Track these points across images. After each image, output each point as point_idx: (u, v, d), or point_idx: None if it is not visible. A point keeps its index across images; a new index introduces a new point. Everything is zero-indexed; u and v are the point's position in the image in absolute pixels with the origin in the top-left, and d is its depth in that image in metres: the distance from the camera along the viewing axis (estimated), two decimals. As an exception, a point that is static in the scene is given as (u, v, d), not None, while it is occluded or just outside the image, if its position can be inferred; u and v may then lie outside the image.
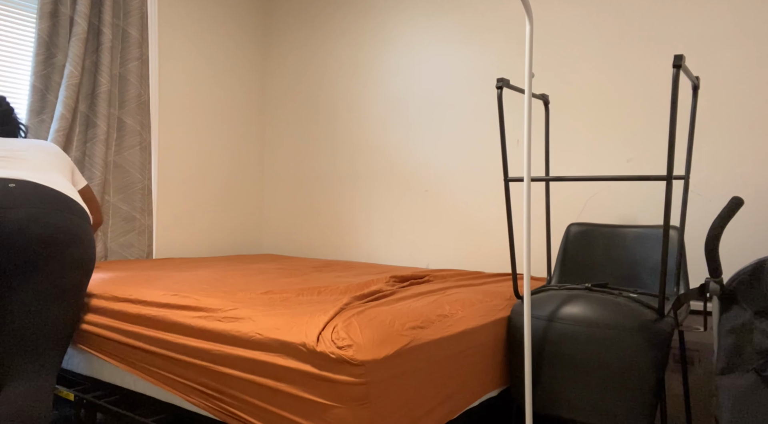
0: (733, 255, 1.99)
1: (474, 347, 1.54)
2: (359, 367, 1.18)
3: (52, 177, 1.60)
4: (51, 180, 1.57)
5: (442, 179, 2.76)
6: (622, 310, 1.50)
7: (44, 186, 1.52)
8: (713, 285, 1.30)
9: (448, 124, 2.74)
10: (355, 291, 1.74)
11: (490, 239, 2.60)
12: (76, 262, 1.50)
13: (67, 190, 1.59)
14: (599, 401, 1.48)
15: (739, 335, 1.25)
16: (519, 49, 2.53)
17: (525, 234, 1.42)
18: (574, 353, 1.51)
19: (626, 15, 2.24)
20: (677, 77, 1.34)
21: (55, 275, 1.46)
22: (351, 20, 3.12)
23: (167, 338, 1.50)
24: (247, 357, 1.33)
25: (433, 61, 2.79)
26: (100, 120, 2.55)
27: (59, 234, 1.46)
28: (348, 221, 3.11)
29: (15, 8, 2.46)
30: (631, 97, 2.23)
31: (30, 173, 1.55)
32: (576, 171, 2.37)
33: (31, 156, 1.65)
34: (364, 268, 2.54)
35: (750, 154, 2.00)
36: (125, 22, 2.67)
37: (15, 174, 1.51)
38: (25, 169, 1.57)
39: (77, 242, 1.49)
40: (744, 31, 2.00)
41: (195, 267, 2.43)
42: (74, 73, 2.42)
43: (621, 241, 2.00)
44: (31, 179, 1.51)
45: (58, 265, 1.47)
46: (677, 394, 2.01)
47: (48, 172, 1.62)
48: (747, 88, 2.00)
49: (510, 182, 2.13)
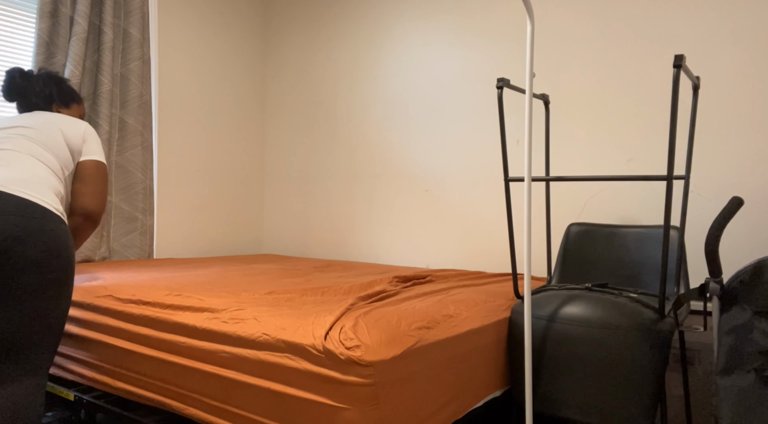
0: (733, 255, 2.00)
1: (478, 348, 1.54)
2: (368, 367, 1.18)
3: (18, 173, 1.48)
4: (10, 177, 1.45)
5: (443, 179, 2.76)
6: (622, 310, 1.50)
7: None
8: (713, 285, 1.31)
9: (449, 124, 2.74)
10: (358, 291, 1.75)
11: (491, 239, 2.60)
12: (26, 263, 1.35)
13: (28, 187, 1.44)
14: (599, 401, 1.48)
15: (739, 335, 1.25)
16: (519, 49, 2.54)
17: (525, 234, 1.42)
18: (574, 353, 1.52)
19: (626, 15, 2.25)
20: (677, 77, 1.35)
21: (5, 277, 1.34)
22: (351, 21, 3.12)
23: (171, 339, 1.51)
24: (254, 359, 1.32)
25: (434, 61, 2.79)
26: (102, 120, 2.55)
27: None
28: (348, 221, 3.12)
29: (15, 8, 2.46)
30: (631, 97, 2.24)
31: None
32: (576, 171, 2.37)
33: (13, 144, 1.54)
34: (365, 268, 2.54)
35: (750, 154, 2.00)
36: (126, 22, 2.67)
37: None
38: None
39: (21, 243, 1.35)
40: (744, 31, 2.01)
41: (196, 267, 2.43)
42: (75, 72, 2.42)
43: (621, 241, 2.00)
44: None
45: (5, 268, 1.35)
46: (677, 394, 2.02)
47: (18, 165, 1.49)
48: (747, 88, 2.01)
49: (510, 182, 2.13)
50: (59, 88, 1.85)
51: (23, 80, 1.78)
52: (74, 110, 1.90)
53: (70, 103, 1.88)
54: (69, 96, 1.88)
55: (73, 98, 1.89)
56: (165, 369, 1.50)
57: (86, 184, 1.70)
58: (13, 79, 1.78)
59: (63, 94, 1.86)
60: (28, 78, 1.79)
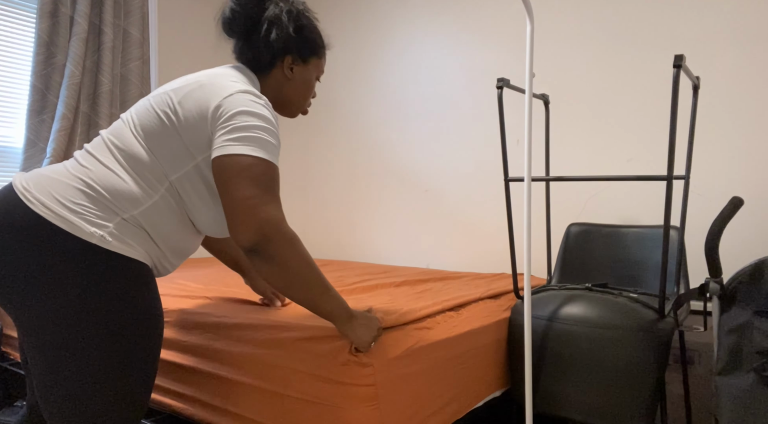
0: (733, 255, 2.00)
1: (478, 348, 1.54)
2: (368, 367, 1.18)
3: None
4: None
5: (442, 179, 2.76)
6: (622, 310, 1.50)
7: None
8: (713, 285, 1.31)
9: (449, 124, 2.74)
10: (360, 293, 1.75)
11: (490, 239, 2.60)
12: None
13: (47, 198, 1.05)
14: (599, 401, 1.48)
15: (739, 335, 1.25)
16: (519, 48, 2.53)
17: (525, 234, 1.42)
18: (574, 353, 1.51)
19: (626, 15, 2.25)
20: (677, 77, 1.35)
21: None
22: (351, 21, 3.12)
23: (169, 336, 1.50)
24: (254, 358, 1.32)
25: (434, 61, 2.79)
26: (102, 120, 2.55)
27: None
28: (347, 220, 3.11)
29: (15, 8, 2.46)
30: (631, 97, 2.24)
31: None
32: (576, 171, 2.37)
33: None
34: (365, 268, 2.54)
35: (750, 154, 2.00)
36: (126, 22, 2.67)
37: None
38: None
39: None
40: (744, 31, 2.01)
41: (196, 267, 2.43)
42: (75, 72, 2.42)
43: (621, 241, 2.00)
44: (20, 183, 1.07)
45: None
46: (677, 394, 2.02)
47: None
48: (747, 88, 2.00)
49: (510, 182, 2.13)
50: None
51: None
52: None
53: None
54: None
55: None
56: (162, 368, 1.50)
57: (226, 186, 1.19)
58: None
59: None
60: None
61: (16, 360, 1.98)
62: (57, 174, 1.09)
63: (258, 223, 1.02)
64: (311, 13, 1.30)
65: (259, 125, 1.06)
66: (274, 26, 1.22)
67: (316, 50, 1.28)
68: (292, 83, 1.27)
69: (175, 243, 1.15)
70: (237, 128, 1.05)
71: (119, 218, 1.06)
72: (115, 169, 1.09)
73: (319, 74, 1.32)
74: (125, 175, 1.09)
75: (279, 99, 1.28)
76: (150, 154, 1.10)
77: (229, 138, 1.04)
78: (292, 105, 1.30)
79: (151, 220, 1.10)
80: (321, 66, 1.31)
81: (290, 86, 1.27)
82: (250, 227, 1.02)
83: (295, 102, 1.30)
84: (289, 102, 1.29)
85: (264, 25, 1.21)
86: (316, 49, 1.28)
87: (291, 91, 1.27)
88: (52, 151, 2.33)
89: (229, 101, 1.07)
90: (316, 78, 1.32)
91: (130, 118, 1.15)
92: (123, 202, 1.07)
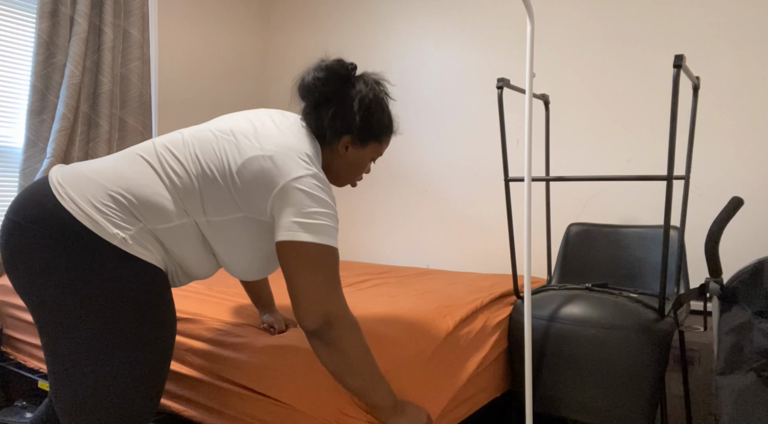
0: (733, 255, 2.00)
1: (478, 348, 1.54)
2: None
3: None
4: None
5: (442, 179, 2.76)
6: (622, 310, 1.50)
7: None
8: (713, 285, 1.31)
9: (449, 124, 2.74)
10: (361, 293, 1.75)
11: (490, 239, 2.60)
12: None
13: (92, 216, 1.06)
14: (599, 401, 1.48)
15: (739, 335, 1.25)
16: (519, 48, 2.53)
17: (525, 234, 1.42)
18: (574, 353, 1.51)
19: (626, 15, 2.25)
20: (677, 77, 1.35)
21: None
22: (351, 21, 3.12)
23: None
24: (253, 363, 1.32)
25: (433, 61, 2.79)
26: (102, 120, 2.55)
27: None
28: (347, 220, 3.11)
29: (15, 8, 2.46)
30: (631, 97, 2.24)
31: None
32: (576, 171, 2.37)
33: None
34: (365, 268, 2.54)
35: (750, 154, 2.00)
36: (126, 22, 2.67)
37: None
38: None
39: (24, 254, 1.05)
40: (744, 31, 2.01)
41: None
42: (75, 72, 2.42)
43: (621, 241, 2.00)
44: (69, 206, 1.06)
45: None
46: (677, 394, 2.02)
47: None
48: (747, 88, 2.00)
49: (510, 182, 2.13)
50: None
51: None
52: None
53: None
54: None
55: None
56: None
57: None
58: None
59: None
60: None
61: (16, 360, 1.98)
62: (97, 174, 1.10)
63: (324, 310, 1.07)
64: (387, 97, 1.29)
65: (324, 212, 1.09)
66: (343, 111, 1.22)
67: (377, 136, 1.28)
68: (344, 161, 1.27)
69: (188, 265, 1.17)
70: (304, 214, 1.07)
71: (141, 225, 1.08)
72: (156, 186, 1.11)
73: (377, 156, 1.32)
74: (165, 193, 1.11)
75: (330, 170, 1.29)
76: (198, 190, 1.12)
77: (295, 222, 1.07)
78: (340, 179, 1.31)
79: (173, 238, 1.12)
80: (380, 149, 1.31)
81: (341, 163, 1.27)
82: (317, 313, 1.07)
83: (342, 177, 1.31)
84: (337, 175, 1.30)
85: (332, 108, 1.22)
86: (377, 135, 1.27)
87: (341, 167, 1.28)
88: (52, 151, 2.33)
89: (297, 185, 1.09)
90: (372, 159, 1.31)
91: (190, 143, 1.16)
92: (151, 213, 1.09)
